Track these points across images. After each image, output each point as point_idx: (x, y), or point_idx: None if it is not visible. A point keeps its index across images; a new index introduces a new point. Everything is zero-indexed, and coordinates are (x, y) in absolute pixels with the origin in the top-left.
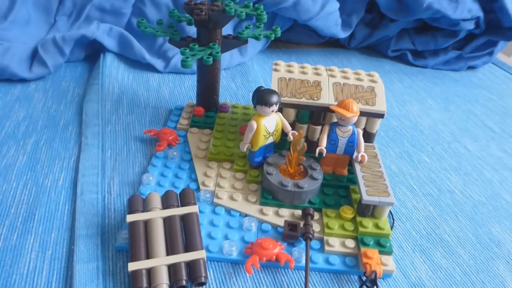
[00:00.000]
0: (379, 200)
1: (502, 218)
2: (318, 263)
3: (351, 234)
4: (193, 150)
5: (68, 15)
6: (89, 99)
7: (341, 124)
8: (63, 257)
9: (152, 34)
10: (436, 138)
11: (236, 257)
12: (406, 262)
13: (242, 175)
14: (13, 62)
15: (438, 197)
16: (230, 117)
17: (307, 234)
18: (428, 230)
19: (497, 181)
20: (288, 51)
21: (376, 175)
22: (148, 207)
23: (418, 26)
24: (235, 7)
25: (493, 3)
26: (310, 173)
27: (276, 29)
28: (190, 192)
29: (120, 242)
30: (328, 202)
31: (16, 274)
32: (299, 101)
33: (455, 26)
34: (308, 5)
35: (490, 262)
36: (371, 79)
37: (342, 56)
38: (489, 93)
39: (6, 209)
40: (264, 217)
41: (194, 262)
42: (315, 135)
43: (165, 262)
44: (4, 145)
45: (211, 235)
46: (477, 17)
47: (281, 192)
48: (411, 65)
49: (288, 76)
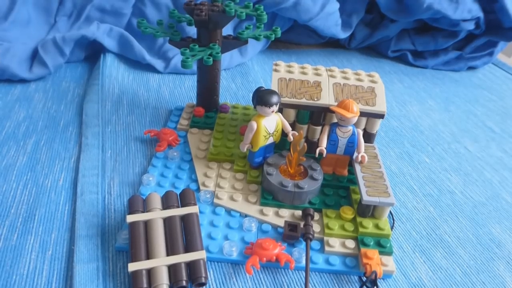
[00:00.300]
0: (379, 200)
1: (502, 218)
2: (318, 264)
3: (351, 235)
4: (193, 150)
5: (68, 16)
6: (89, 100)
7: (341, 125)
8: (63, 258)
9: (152, 34)
10: (436, 139)
11: (236, 257)
12: (406, 263)
13: (242, 175)
14: (13, 62)
15: (438, 198)
16: (230, 118)
17: (307, 235)
18: (428, 230)
19: (497, 182)
20: (288, 51)
21: (376, 175)
22: (148, 208)
23: (418, 26)
24: (235, 8)
25: (493, 3)
26: (310, 173)
27: (276, 29)
28: (190, 192)
29: (120, 242)
30: (328, 202)
31: (16, 275)
32: (299, 102)
33: (455, 27)
34: (308, 6)
35: (490, 262)
36: (371, 80)
37: (342, 56)
38: (489, 94)
39: (6, 209)
40: (264, 218)
41: (194, 262)
42: (315, 136)
43: (165, 263)
44: (4, 145)
45: (211, 236)
46: (477, 17)
47: (281, 192)
48: (411, 66)
49: (288, 77)
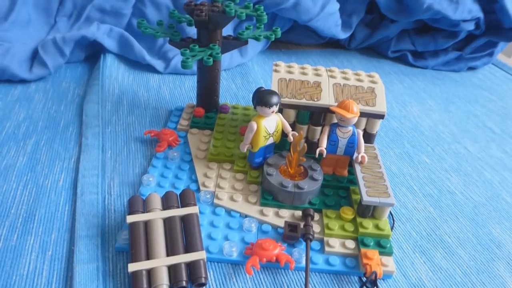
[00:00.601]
0: (379, 201)
1: (502, 219)
2: (318, 264)
3: (351, 235)
4: (193, 151)
5: (68, 16)
6: (89, 100)
7: (341, 125)
8: (63, 258)
9: (152, 35)
10: (436, 139)
11: (236, 258)
12: (406, 263)
13: (242, 175)
14: (13, 63)
15: (439, 198)
16: (230, 118)
17: (307, 235)
18: (428, 231)
19: (497, 182)
20: (288, 51)
21: (376, 176)
22: (148, 208)
23: (418, 27)
24: (236, 8)
25: (493, 4)
26: (310, 174)
27: (276, 30)
28: (190, 193)
29: (120, 243)
30: (328, 203)
31: (16, 275)
32: (299, 102)
33: (455, 27)
34: (308, 6)
35: (490, 263)
36: (371, 80)
37: (342, 56)
38: (489, 94)
39: (6, 209)
40: (264, 218)
41: (194, 263)
42: (315, 136)
43: (165, 263)
44: (4, 145)
45: (211, 236)
46: (477, 18)
47: (281, 193)
48: (411, 66)
49: (289, 77)
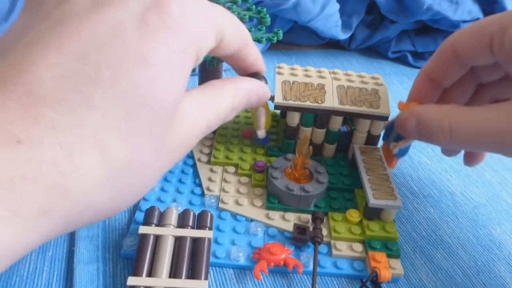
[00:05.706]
0: (386, 203)
1: (502, 219)
2: (326, 267)
3: (358, 238)
4: (196, 154)
5: None
6: None
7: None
8: (63, 259)
9: None
10: None
11: (243, 262)
12: (406, 264)
13: (246, 179)
14: None
15: (439, 199)
16: (232, 121)
17: (316, 238)
18: (428, 231)
19: (497, 183)
20: (288, 52)
21: (382, 178)
22: (163, 222)
23: (419, 27)
24: (238, 10)
25: (493, 4)
26: (315, 176)
27: (278, 31)
28: (208, 215)
29: (126, 249)
30: (334, 205)
31: (16, 276)
32: (304, 105)
33: (456, 28)
34: (308, 7)
35: (490, 263)
36: (375, 82)
37: (342, 57)
38: None
39: None
40: (270, 222)
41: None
42: (319, 139)
43: (165, 285)
44: None
45: (218, 241)
46: (477, 18)
47: (288, 196)
48: (412, 67)
49: (292, 79)
